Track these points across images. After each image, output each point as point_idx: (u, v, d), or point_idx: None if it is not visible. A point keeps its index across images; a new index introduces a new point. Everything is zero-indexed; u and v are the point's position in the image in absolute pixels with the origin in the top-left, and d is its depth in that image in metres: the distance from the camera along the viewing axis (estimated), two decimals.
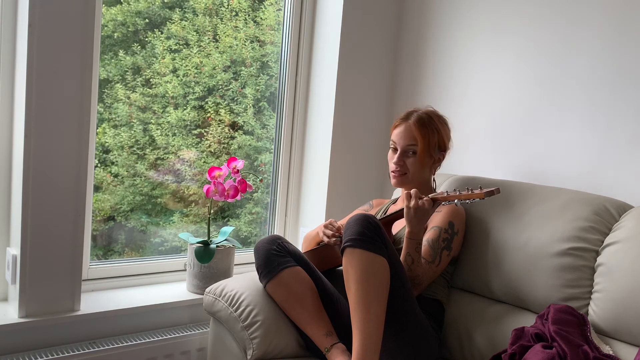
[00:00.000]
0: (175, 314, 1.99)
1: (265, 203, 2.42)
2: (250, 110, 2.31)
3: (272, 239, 1.69)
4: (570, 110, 1.85)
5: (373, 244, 1.42)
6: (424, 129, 1.73)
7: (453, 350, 1.69)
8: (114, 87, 2.01)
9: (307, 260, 1.72)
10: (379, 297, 1.40)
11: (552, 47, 1.90)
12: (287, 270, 1.62)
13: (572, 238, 1.53)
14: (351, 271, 1.42)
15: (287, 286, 1.61)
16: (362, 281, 1.40)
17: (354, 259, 1.42)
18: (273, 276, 1.62)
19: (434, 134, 1.74)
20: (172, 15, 2.09)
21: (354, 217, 1.48)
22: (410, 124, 1.73)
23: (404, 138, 1.73)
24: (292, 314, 1.62)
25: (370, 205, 1.97)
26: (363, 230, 1.43)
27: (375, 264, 1.41)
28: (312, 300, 1.62)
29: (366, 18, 2.29)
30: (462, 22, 2.17)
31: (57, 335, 1.76)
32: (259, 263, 1.66)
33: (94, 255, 2.00)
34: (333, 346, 1.54)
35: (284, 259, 1.64)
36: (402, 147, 1.74)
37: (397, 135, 1.75)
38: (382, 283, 1.41)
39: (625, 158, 1.73)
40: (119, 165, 2.06)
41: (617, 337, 1.43)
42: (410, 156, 1.73)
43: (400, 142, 1.74)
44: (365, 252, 1.41)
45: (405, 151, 1.73)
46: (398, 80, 2.42)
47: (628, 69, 1.72)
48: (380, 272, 1.41)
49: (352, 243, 1.43)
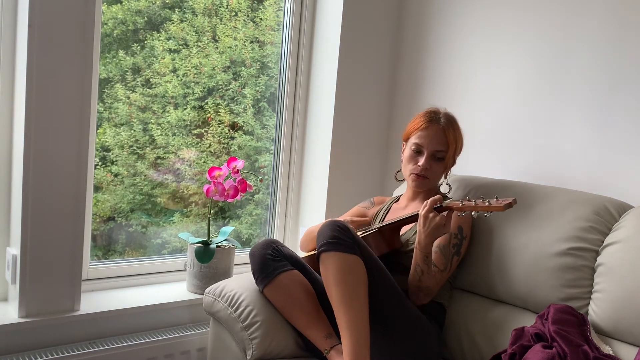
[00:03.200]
0: (175, 314, 1.99)
1: (265, 204, 2.42)
2: (249, 110, 2.31)
3: (267, 243, 1.68)
4: (570, 110, 1.85)
5: (345, 245, 1.46)
6: (454, 134, 1.72)
7: (453, 350, 1.69)
8: (114, 86, 2.01)
9: (303, 263, 1.72)
10: (358, 293, 1.43)
11: (552, 47, 1.90)
12: (283, 274, 1.62)
13: (572, 238, 1.53)
14: (328, 274, 1.45)
15: (285, 290, 1.61)
16: (339, 281, 1.43)
17: (329, 262, 1.45)
18: (269, 281, 1.62)
19: (458, 140, 1.74)
20: (171, 16, 2.09)
21: (324, 223, 1.52)
22: (441, 128, 1.71)
23: (434, 142, 1.70)
24: (291, 317, 1.62)
25: (371, 203, 1.96)
26: (333, 234, 1.47)
27: (349, 262, 1.44)
28: (310, 302, 1.62)
29: (366, 18, 2.29)
30: (462, 22, 2.17)
31: (57, 335, 1.75)
32: (255, 268, 1.66)
33: (94, 256, 2.00)
34: (333, 348, 1.54)
35: (279, 263, 1.64)
36: (431, 151, 1.70)
37: (425, 138, 1.71)
38: (359, 280, 1.44)
39: (625, 158, 1.73)
40: (119, 164, 2.06)
41: (617, 337, 1.43)
42: (436, 161, 1.72)
43: (430, 145, 1.70)
44: (338, 253, 1.45)
45: (433, 155, 1.71)
46: (398, 80, 2.42)
47: (628, 69, 1.72)
48: (355, 270, 1.44)
49: (326, 247, 1.46)
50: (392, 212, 1.85)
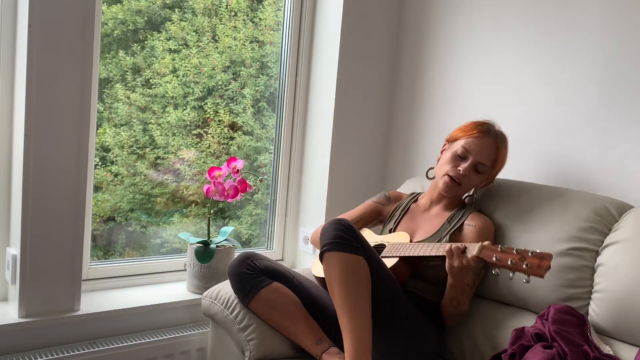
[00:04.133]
0: (175, 314, 1.99)
1: (265, 204, 2.42)
2: (249, 110, 2.31)
3: (241, 260, 1.65)
4: (570, 110, 1.85)
5: (349, 246, 1.44)
6: (504, 153, 1.72)
7: (453, 350, 1.69)
8: (114, 86, 2.01)
9: (282, 271, 1.69)
10: (361, 294, 1.42)
11: (553, 47, 1.90)
12: (263, 290, 1.61)
13: (572, 238, 1.53)
14: (332, 274, 1.44)
15: (268, 305, 1.60)
16: (342, 281, 1.42)
17: (332, 262, 1.44)
18: (250, 299, 1.61)
19: (505, 160, 1.74)
20: (171, 15, 2.09)
21: (328, 222, 1.51)
22: (495, 143, 1.69)
23: (482, 153, 1.67)
24: (279, 329, 1.61)
25: (387, 199, 1.90)
26: (338, 233, 1.45)
27: (353, 263, 1.43)
28: (296, 311, 1.61)
29: (366, 18, 2.29)
30: (463, 21, 2.17)
31: (57, 335, 1.75)
32: (233, 288, 1.65)
33: (94, 256, 2.00)
34: (324, 353, 1.53)
35: (256, 280, 1.62)
36: (477, 161, 1.67)
37: (476, 146, 1.67)
38: (362, 281, 1.43)
39: (625, 158, 1.73)
40: (118, 164, 2.06)
41: (617, 337, 1.44)
42: (475, 172, 1.69)
43: (478, 155, 1.67)
44: (342, 253, 1.43)
45: (476, 165, 1.68)
46: (398, 80, 2.42)
47: (628, 69, 1.72)
48: (359, 270, 1.43)
49: (329, 247, 1.45)
50: (409, 213, 1.81)
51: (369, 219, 1.89)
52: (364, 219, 1.88)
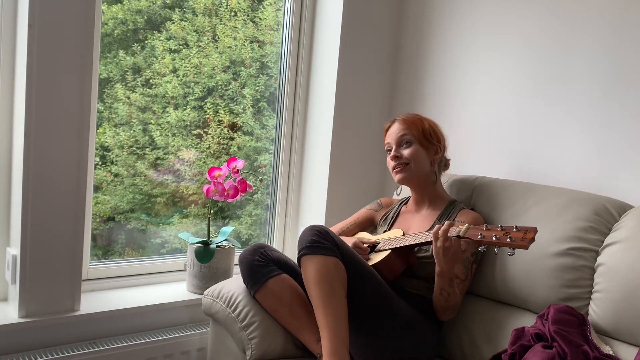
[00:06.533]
0: (175, 314, 1.99)
1: (265, 204, 2.42)
2: (249, 110, 2.31)
3: (254, 249, 1.68)
4: (570, 110, 1.85)
5: (324, 248, 1.47)
6: (412, 117, 1.78)
7: (453, 350, 1.69)
8: (114, 86, 2.01)
9: (292, 265, 1.72)
10: (335, 293, 1.44)
11: (551, 47, 1.90)
12: (272, 280, 1.62)
13: (572, 238, 1.53)
14: (308, 275, 1.47)
15: (274, 296, 1.62)
16: (317, 281, 1.45)
17: (308, 265, 1.47)
18: (258, 288, 1.62)
19: (422, 122, 1.78)
20: (171, 15, 2.09)
21: (305, 229, 1.54)
22: (400, 120, 1.78)
23: (396, 133, 1.77)
24: (283, 322, 1.63)
25: (379, 205, 1.96)
26: (313, 238, 1.49)
27: (328, 264, 1.46)
28: (301, 306, 1.62)
29: (366, 18, 2.29)
30: (461, 22, 2.17)
31: (57, 335, 1.75)
32: (244, 275, 1.66)
33: (93, 255, 2.00)
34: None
35: (267, 269, 1.64)
36: (396, 140, 1.76)
37: (390, 135, 1.79)
38: (337, 280, 1.45)
39: (625, 158, 1.73)
40: (118, 164, 2.06)
41: (617, 337, 1.44)
42: (406, 147, 1.75)
43: (393, 136, 1.77)
44: (317, 256, 1.47)
45: (400, 143, 1.76)
46: (398, 80, 2.42)
47: (627, 69, 1.72)
48: (333, 271, 1.46)
49: (305, 251, 1.48)
50: (401, 216, 1.85)
51: (363, 225, 1.94)
52: (359, 225, 1.93)
